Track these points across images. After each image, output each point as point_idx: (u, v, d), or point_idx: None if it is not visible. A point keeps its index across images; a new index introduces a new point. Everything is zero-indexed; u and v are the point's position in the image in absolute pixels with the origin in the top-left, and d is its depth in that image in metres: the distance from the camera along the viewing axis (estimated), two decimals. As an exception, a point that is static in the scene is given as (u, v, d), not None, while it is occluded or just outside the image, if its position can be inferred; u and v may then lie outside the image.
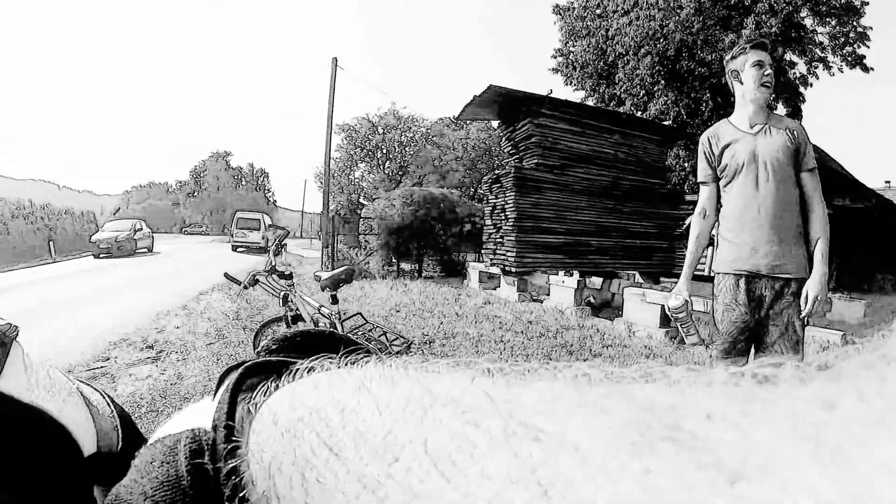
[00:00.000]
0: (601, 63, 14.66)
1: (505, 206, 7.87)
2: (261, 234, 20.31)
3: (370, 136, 25.42)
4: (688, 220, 8.48)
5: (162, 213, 58.65)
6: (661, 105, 12.99)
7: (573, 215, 8.21)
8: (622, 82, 13.69)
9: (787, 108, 13.23)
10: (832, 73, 13.29)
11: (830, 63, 13.26)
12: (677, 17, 12.31)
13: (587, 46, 14.89)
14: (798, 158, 1.80)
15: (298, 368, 0.20)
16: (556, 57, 16.27)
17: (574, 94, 15.80)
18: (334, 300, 3.03)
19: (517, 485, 0.11)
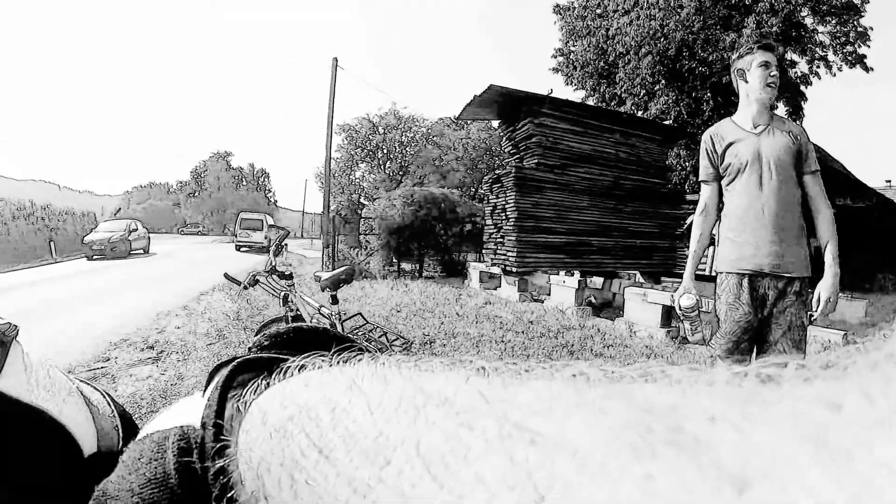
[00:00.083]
0: (602, 63, 14.65)
1: (506, 206, 7.86)
2: (263, 234, 20.65)
3: (371, 136, 25.44)
4: (689, 220, 8.49)
5: (163, 213, 58.76)
6: (662, 105, 12.97)
7: (574, 215, 8.20)
8: (623, 82, 13.68)
9: (788, 106, 13.21)
10: (834, 74, 13.28)
11: (831, 62, 13.25)
12: (678, 16, 12.30)
13: (587, 46, 14.87)
14: (800, 160, 1.81)
15: (290, 366, 0.20)
16: (556, 56, 16.25)
17: (574, 94, 15.78)
18: (334, 300, 3.02)
19: (513, 489, 0.11)
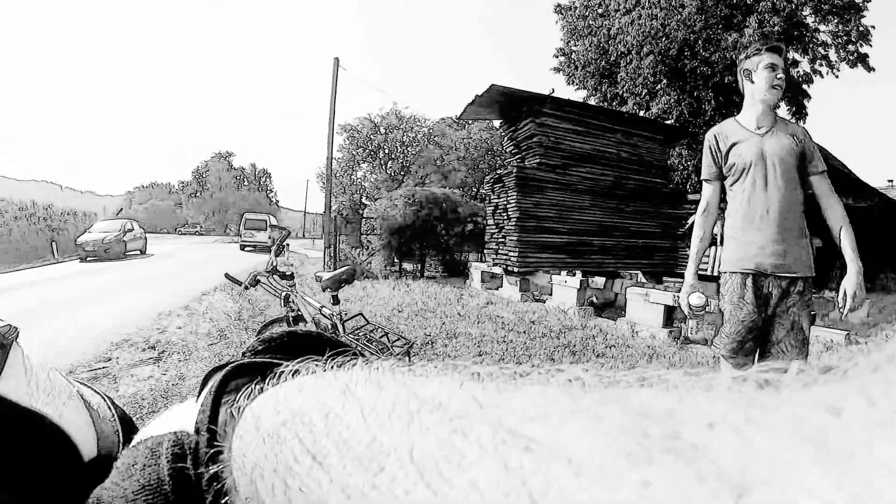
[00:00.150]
0: (603, 62, 14.66)
1: (507, 206, 7.85)
2: (267, 233, 20.91)
3: (372, 137, 25.49)
4: (691, 220, 8.48)
5: (164, 213, 58.92)
6: (664, 104, 12.97)
7: (575, 215, 8.19)
8: (624, 81, 13.68)
9: (790, 106, 13.20)
10: (836, 74, 13.26)
11: (833, 62, 13.24)
12: (679, 15, 12.29)
13: (589, 46, 14.87)
14: (803, 162, 1.83)
15: (283, 371, 0.20)
16: (557, 56, 16.29)
17: (576, 94, 15.84)
18: (336, 301, 3.01)
19: (507, 496, 0.11)
